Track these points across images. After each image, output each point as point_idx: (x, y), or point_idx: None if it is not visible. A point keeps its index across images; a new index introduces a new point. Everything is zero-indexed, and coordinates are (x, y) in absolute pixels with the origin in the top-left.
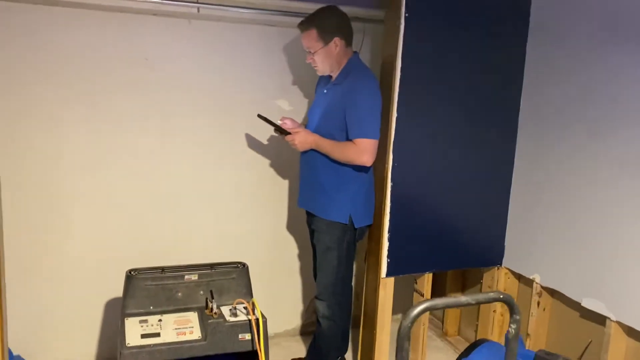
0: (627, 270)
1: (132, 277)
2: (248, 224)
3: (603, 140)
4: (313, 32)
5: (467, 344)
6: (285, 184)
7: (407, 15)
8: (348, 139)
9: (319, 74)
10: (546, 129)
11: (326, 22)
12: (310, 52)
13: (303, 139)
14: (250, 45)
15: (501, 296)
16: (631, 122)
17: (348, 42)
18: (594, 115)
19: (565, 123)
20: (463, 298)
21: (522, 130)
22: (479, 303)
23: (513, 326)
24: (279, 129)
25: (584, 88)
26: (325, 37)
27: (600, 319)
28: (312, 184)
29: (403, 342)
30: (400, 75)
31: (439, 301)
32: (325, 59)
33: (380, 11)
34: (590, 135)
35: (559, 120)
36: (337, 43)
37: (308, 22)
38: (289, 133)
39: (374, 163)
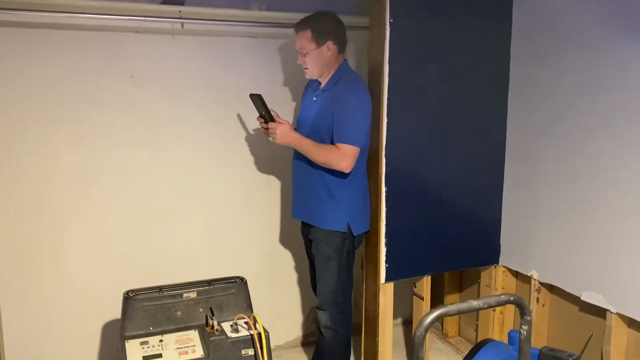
0: (625, 262)
1: (130, 298)
2: (244, 236)
3: (595, 133)
4: (307, 33)
5: (468, 345)
6: (278, 193)
7: (392, 20)
8: (332, 143)
9: (308, 77)
10: (535, 125)
11: (322, 25)
12: (302, 53)
13: (286, 131)
14: (235, 57)
15: (512, 298)
16: (624, 113)
17: (341, 48)
18: (585, 107)
19: (555, 118)
20: (475, 303)
21: (511, 128)
22: (491, 306)
23: (525, 327)
24: (266, 115)
25: (572, 81)
26: (319, 39)
27: (601, 312)
28: (307, 193)
29: (418, 352)
30: (389, 81)
31: (452, 307)
32: (316, 62)
33: (363, 18)
34: (582, 128)
35: (548, 115)
36: (329, 47)
37: (304, 22)
38: (273, 121)
39: (368, 169)
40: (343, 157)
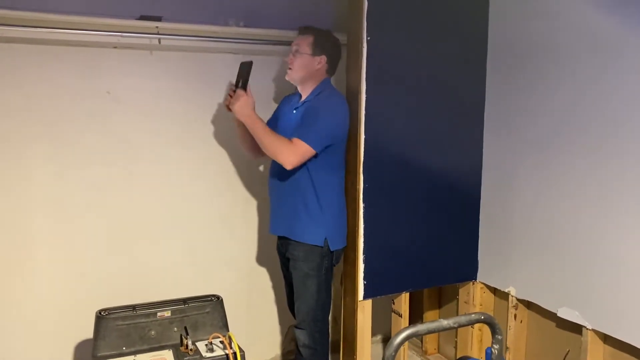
0: (600, 278)
1: (102, 317)
2: (220, 254)
3: (570, 149)
4: (310, 38)
5: None
6: (255, 211)
7: (369, 38)
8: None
9: (287, 78)
10: (512, 141)
11: (324, 39)
12: (295, 51)
13: (246, 104)
14: (214, 73)
15: (482, 317)
16: (599, 128)
17: (330, 70)
18: (559, 123)
19: (531, 133)
20: (445, 322)
21: (487, 147)
22: (461, 325)
23: (496, 346)
24: (242, 84)
25: (547, 97)
26: (317, 49)
27: (577, 328)
28: (284, 208)
29: None
30: (366, 97)
31: (421, 327)
32: (303, 67)
33: (343, 35)
34: (557, 145)
35: (525, 131)
36: (321, 61)
37: (311, 28)
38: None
39: (346, 185)
40: (293, 152)
